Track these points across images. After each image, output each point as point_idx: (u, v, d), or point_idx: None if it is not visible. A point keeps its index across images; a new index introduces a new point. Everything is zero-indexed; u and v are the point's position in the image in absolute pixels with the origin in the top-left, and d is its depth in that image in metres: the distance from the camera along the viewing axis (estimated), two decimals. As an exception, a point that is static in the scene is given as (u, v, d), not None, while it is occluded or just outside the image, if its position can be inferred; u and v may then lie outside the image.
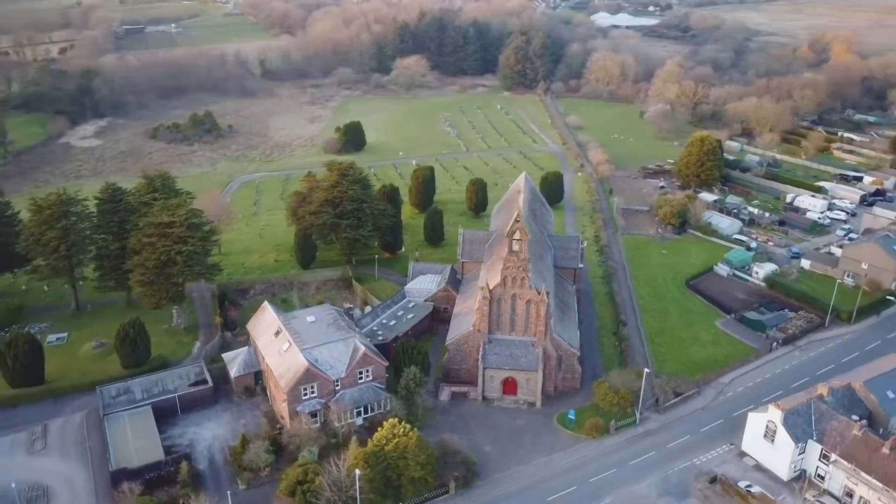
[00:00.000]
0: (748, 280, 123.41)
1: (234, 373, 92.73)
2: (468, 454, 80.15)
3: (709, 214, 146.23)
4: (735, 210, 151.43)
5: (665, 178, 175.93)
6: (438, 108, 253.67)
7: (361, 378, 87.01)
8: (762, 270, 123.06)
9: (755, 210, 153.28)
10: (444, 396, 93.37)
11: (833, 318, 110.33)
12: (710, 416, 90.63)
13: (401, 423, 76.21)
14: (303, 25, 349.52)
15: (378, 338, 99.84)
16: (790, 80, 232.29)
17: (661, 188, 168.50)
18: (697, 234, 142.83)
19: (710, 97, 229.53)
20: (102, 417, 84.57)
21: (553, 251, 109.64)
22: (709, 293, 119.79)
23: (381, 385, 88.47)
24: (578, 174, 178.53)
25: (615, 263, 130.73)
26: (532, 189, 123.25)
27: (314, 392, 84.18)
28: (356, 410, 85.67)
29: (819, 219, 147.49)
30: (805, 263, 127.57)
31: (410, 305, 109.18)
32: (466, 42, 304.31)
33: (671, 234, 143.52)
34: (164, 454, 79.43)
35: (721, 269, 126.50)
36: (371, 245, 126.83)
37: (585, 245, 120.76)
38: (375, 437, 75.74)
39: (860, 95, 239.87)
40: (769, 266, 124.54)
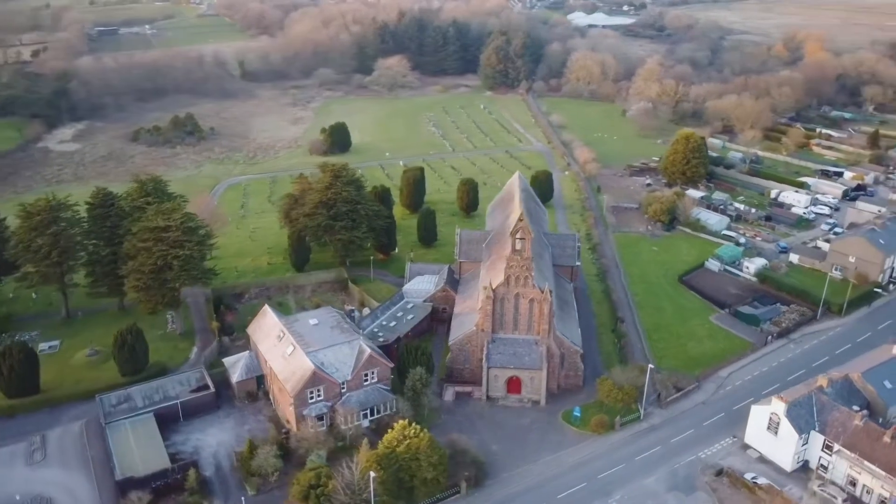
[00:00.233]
0: (739, 275, 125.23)
1: (236, 378, 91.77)
2: (477, 454, 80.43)
3: (697, 211, 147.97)
4: (722, 206, 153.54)
5: (651, 176, 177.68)
6: (421, 109, 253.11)
7: (367, 380, 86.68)
8: (753, 265, 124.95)
9: (741, 206, 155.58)
10: (449, 396, 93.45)
11: (824, 311, 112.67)
12: (712, 410, 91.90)
13: (411, 425, 76.04)
14: (281, 26, 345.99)
15: (379, 339, 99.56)
16: (767, 78, 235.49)
17: (648, 185, 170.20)
18: (687, 231, 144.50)
19: (691, 95, 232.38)
20: (104, 426, 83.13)
21: (550, 249, 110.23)
22: (702, 288, 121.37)
23: (387, 387, 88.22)
24: (566, 173, 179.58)
25: (608, 261, 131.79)
26: (526, 188, 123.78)
27: (320, 395, 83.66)
28: (362, 413, 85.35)
29: (804, 214, 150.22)
30: (793, 258, 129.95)
31: (409, 306, 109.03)
32: (446, 42, 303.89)
33: (661, 231, 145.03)
34: (170, 462, 78.40)
35: (712, 265, 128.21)
36: (365, 246, 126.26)
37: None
38: (386, 439, 75.45)
39: (835, 92, 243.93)
40: (759, 261, 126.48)
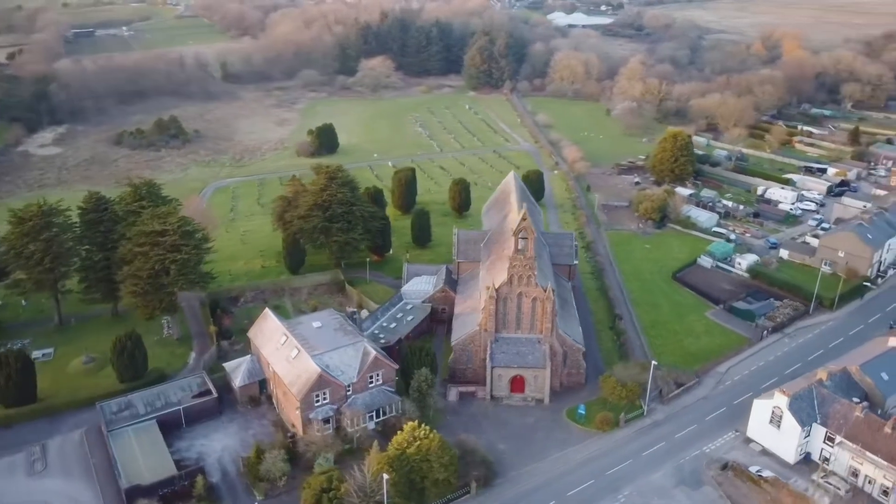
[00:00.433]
0: (731, 271, 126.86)
1: (239, 382, 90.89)
2: (486, 453, 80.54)
3: (687, 208, 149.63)
4: (710, 203, 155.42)
5: (639, 174, 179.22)
6: (406, 109, 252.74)
7: (372, 382, 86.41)
8: (745, 261, 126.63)
9: (729, 203, 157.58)
10: (452, 397, 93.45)
11: (815, 306, 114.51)
12: (713, 405, 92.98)
13: (420, 426, 75.94)
14: (262, 27, 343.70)
15: (380, 341, 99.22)
16: (749, 77, 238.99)
17: (637, 184, 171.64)
18: (677, 228, 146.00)
19: (674, 94, 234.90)
20: (107, 434, 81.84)
21: (548, 248, 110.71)
22: (695, 285, 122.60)
23: (392, 388, 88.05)
24: (555, 172, 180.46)
25: (602, 259, 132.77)
26: (521, 187, 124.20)
27: (326, 398, 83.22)
28: (368, 415, 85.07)
29: (791, 210, 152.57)
30: (783, 253, 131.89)
31: (408, 307, 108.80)
32: (429, 42, 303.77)
33: (652, 229, 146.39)
34: (176, 469, 77.51)
35: (704, 261, 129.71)
36: (361, 248, 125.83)
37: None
38: (395, 441, 75.20)
39: (814, 90, 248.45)
40: (751, 257, 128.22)
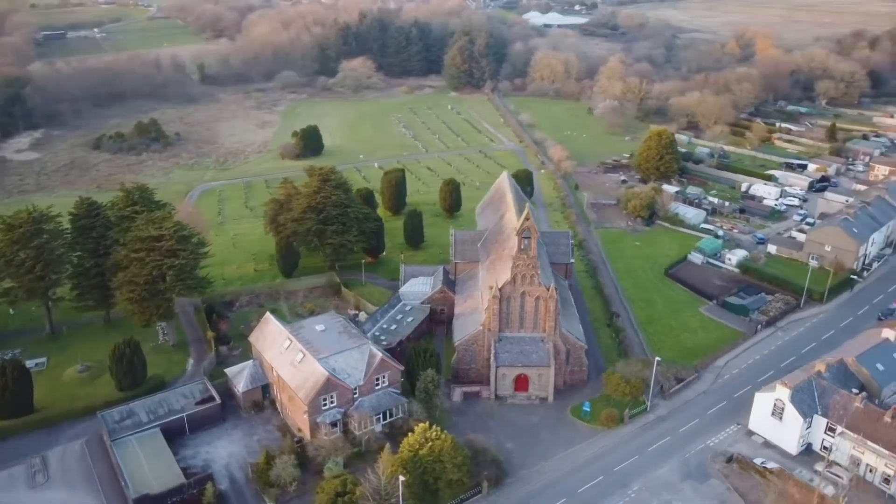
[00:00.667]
0: (722, 267, 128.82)
1: (242, 388, 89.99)
2: (496, 453, 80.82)
3: (675, 205, 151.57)
4: (696, 200, 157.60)
5: (624, 172, 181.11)
6: (389, 110, 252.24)
7: (378, 384, 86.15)
8: (734, 257, 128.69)
9: (715, 200, 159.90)
10: (457, 397, 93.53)
11: (806, 299, 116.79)
12: (714, 399, 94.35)
13: (431, 427, 75.91)
14: (238, 28, 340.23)
15: (382, 342, 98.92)
16: (727, 75, 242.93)
17: (624, 182, 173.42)
18: (666, 225, 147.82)
19: (653, 92, 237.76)
20: (110, 443, 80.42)
21: (546, 248, 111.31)
22: (688, 281, 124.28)
23: (397, 390, 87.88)
24: (542, 171, 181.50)
25: (594, 257, 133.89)
26: (515, 187, 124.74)
27: (333, 402, 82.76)
28: (376, 417, 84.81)
29: (776, 205, 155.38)
30: (771, 248, 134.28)
31: (407, 309, 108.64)
32: (409, 43, 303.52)
33: (641, 226, 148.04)
34: (183, 477, 76.52)
35: (695, 258, 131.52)
36: (355, 250, 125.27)
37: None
38: (407, 443, 75.08)
39: (790, 87, 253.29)
40: (740, 252, 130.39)
